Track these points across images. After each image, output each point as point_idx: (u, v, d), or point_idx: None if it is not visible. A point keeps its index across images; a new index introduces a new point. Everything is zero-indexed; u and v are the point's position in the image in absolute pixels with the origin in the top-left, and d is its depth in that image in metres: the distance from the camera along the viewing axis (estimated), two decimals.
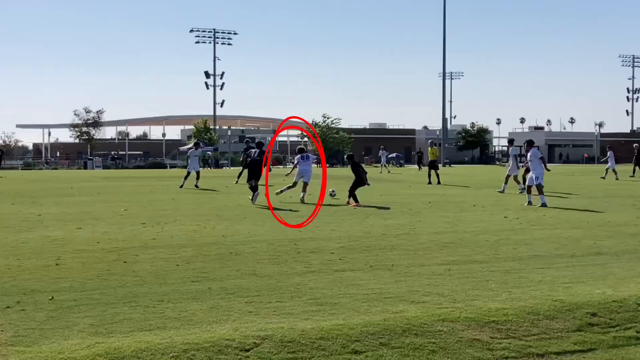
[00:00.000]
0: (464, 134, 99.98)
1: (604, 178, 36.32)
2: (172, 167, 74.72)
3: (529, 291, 7.81)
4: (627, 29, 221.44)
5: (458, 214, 17.23)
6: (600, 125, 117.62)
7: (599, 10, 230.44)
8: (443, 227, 14.17)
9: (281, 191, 21.85)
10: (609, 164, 37.32)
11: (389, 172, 52.46)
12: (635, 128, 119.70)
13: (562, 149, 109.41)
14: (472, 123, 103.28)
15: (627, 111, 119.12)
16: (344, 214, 17.23)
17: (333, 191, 23.17)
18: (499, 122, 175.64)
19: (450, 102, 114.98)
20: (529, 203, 19.74)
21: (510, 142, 30.24)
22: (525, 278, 8.62)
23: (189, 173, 29.65)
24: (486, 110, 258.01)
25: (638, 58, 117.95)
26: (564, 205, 19.86)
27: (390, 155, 78.33)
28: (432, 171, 32.41)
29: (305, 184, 21.47)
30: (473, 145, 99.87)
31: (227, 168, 76.38)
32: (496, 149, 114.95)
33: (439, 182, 31.60)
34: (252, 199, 20.01)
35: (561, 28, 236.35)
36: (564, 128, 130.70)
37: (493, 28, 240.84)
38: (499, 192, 25.10)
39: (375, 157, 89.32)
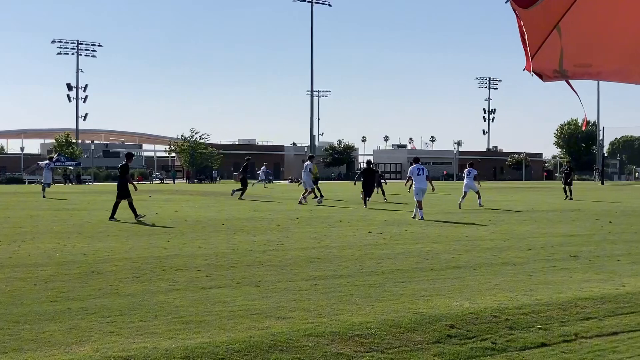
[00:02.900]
0: (331, 151, 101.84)
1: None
2: (30, 182, 71.35)
3: (391, 304, 8.03)
4: (484, 53, 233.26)
5: (325, 229, 17.49)
6: (459, 143, 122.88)
7: (457, 33, 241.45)
8: (310, 243, 14.33)
9: None
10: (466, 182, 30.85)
11: (264, 187, 52.95)
12: (491, 147, 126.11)
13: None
14: (339, 140, 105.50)
15: (483, 131, 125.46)
16: (210, 230, 17.08)
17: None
18: (364, 139, 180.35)
19: (318, 119, 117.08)
20: (418, 216, 20.99)
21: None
22: (387, 292, 8.86)
23: (42, 185, 32.17)
24: (352, 128, 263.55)
25: (494, 80, 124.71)
26: (426, 221, 20.59)
27: (258, 172, 78.52)
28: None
29: None
30: (340, 162, 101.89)
31: (90, 183, 73.97)
32: (362, 166, 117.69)
33: (321, 196, 30.96)
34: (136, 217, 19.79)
35: (422, 50, 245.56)
36: (426, 146, 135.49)
37: (359, 47, 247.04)
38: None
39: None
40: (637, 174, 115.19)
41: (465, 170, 30.22)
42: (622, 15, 3.27)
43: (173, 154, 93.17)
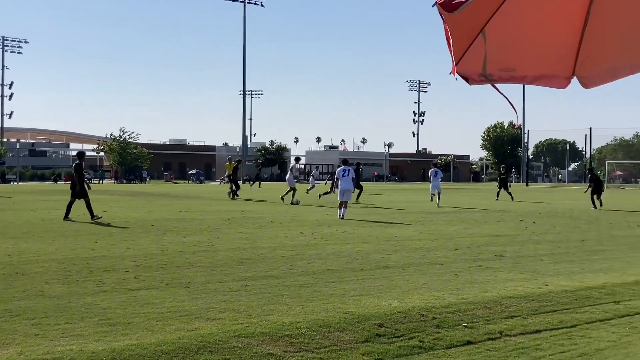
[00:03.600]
0: (263, 152, 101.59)
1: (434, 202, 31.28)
2: None
3: (321, 304, 8.07)
4: (414, 56, 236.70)
5: (256, 230, 17.45)
6: (390, 145, 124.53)
7: (389, 36, 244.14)
8: (241, 244, 14.27)
9: None
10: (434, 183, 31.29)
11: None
12: (420, 149, 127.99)
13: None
14: (272, 141, 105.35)
15: (413, 133, 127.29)
16: (139, 231, 16.83)
17: None
18: (296, 140, 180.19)
19: (251, 119, 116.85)
20: (339, 214, 21.52)
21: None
22: (318, 292, 8.90)
23: None
24: (285, 128, 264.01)
25: (424, 83, 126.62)
26: (357, 221, 20.76)
27: (190, 172, 77.81)
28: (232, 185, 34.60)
29: None
30: (272, 162, 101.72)
31: (15, 183, 71.91)
32: (297, 166, 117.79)
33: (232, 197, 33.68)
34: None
35: (355, 52, 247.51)
36: (357, 147, 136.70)
37: (292, 48, 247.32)
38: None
39: (175, 173, 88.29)
40: (559, 176, 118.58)
41: (431, 170, 31.18)
42: (545, 21, 3.38)
43: (102, 154, 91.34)
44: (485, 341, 6.86)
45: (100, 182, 72.58)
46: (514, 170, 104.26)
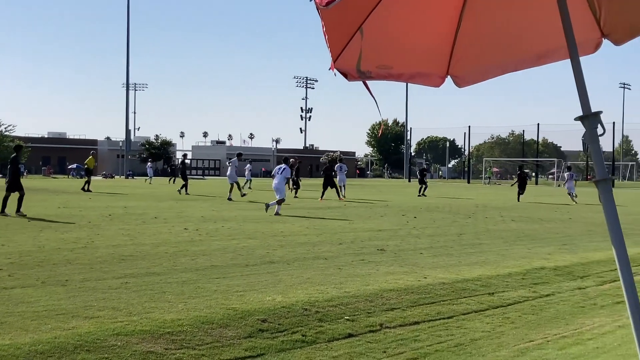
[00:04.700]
0: (147, 146, 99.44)
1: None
2: None
3: (205, 301, 7.99)
4: (301, 52, 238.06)
5: (139, 226, 17.07)
6: (277, 141, 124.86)
7: (277, 32, 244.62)
8: (122, 240, 13.92)
9: None
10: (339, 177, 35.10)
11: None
12: (308, 145, 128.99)
13: (242, 163, 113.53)
14: (157, 135, 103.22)
15: (300, 129, 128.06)
16: (15, 227, 16.13)
17: None
18: (182, 135, 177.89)
19: (135, 113, 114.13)
20: (277, 213, 21.78)
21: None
22: (201, 288, 8.81)
23: None
24: (170, 122, 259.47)
25: (311, 80, 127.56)
26: (243, 217, 20.69)
27: (70, 167, 75.27)
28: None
29: None
30: (157, 157, 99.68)
31: None
32: (177, 162, 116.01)
33: (84, 189, 35.37)
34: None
35: (242, 47, 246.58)
36: (244, 143, 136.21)
37: (177, 42, 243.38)
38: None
39: (55, 167, 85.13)
40: (440, 172, 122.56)
41: (337, 165, 35.18)
42: (420, 21, 3.47)
43: None
44: (366, 333, 7.00)
45: None
46: (386, 167, 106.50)
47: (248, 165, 49.42)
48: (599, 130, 2.98)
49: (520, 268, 11.22)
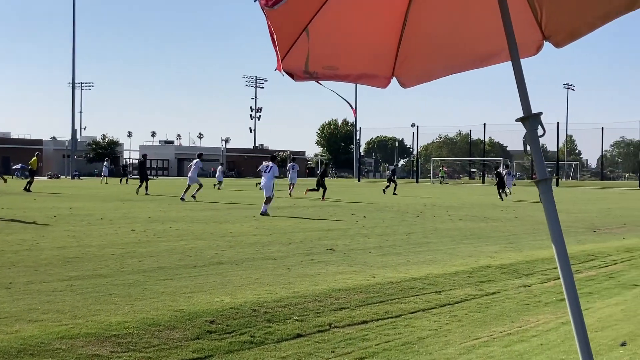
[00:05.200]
0: (94, 146, 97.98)
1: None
2: None
3: (152, 303, 7.90)
4: (251, 52, 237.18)
5: (85, 227, 16.79)
6: (227, 141, 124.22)
7: (226, 31, 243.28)
8: (68, 242, 13.67)
9: None
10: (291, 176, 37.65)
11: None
12: (257, 144, 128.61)
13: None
14: (103, 135, 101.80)
15: (250, 128, 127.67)
16: None
17: None
18: (130, 134, 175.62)
19: (81, 112, 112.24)
20: (263, 213, 21.89)
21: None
22: (148, 290, 8.70)
23: None
24: (118, 122, 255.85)
25: (260, 79, 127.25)
26: (191, 217, 20.53)
27: (14, 167, 73.72)
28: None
29: None
30: (104, 157, 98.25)
31: None
32: (127, 162, 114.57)
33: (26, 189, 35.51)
34: None
35: (188, 45, 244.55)
36: (193, 142, 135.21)
37: (124, 40, 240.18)
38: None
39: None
40: (388, 171, 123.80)
41: (289, 165, 37.71)
42: (366, 22, 3.49)
43: None
44: (315, 333, 7.01)
45: None
46: (333, 170, 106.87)
47: (219, 167, 49.51)
48: (539, 131, 3.04)
49: (467, 266, 11.37)
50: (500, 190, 35.92)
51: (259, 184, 30.73)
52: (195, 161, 31.27)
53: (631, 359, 5.63)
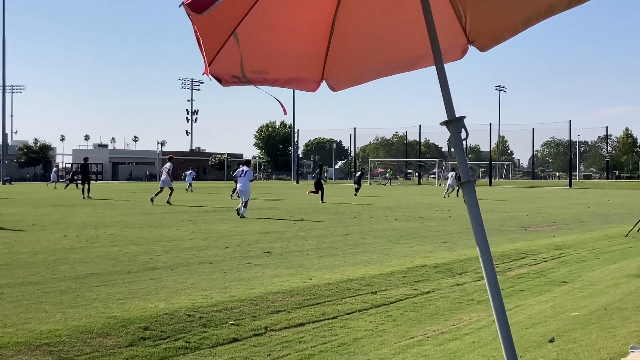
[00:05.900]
0: (26, 150, 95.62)
1: None
2: None
3: (84, 310, 7.75)
4: (186, 54, 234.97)
5: (15, 233, 16.37)
6: (163, 144, 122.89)
7: (161, 33, 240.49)
8: None
9: None
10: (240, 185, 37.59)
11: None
12: (194, 147, 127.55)
13: (126, 167, 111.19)
14: (35, 139, 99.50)
15: (186, 131, 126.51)
16: None
17: None
18: (63, 138, 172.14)
19: (12, 116, 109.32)
20: (242, 216, 22.35)
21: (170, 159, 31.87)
22: (81, 297, 8.54)
23: None
24: (50, 126, 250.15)
25: (196, 82, 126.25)
26: (125, 222, 20.22)
27: None
28: None
29: None
30: (36, 162, 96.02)
31: None
32: (60, 166, 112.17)
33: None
34: None
35: (125, 47, 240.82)
36: (127, 145, 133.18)
37: (57, 44, 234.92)
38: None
39: None
40: (326, 173, 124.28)
41: (240, 170, 36.41)
42: (294, 27, 3.51)
43: None
44: (251, 337, 7.00)
45: None
46: (261, 170, 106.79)
47: (190, 171, 49.04)
48: (463, 134, 3.12)
49: (402, 266, 11.51)
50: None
51: (233, 193, 30.99)
52: (167, 165, 31.02)
53: (559, 355, 5.80)
